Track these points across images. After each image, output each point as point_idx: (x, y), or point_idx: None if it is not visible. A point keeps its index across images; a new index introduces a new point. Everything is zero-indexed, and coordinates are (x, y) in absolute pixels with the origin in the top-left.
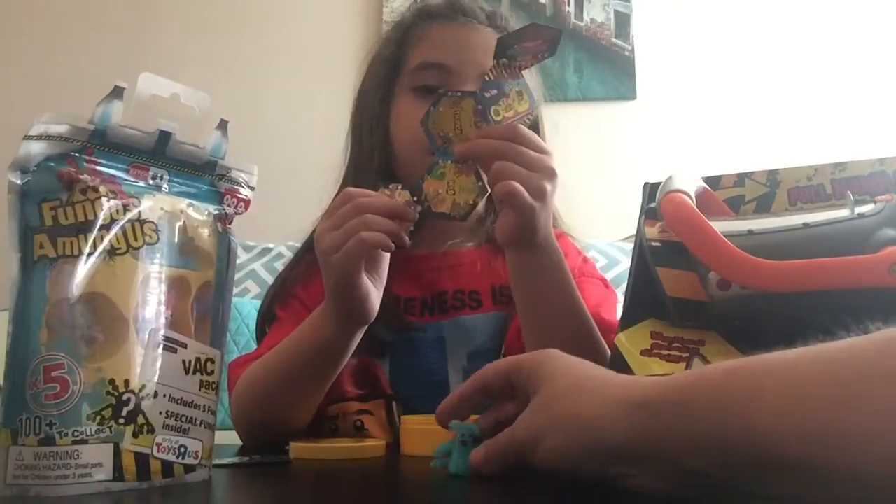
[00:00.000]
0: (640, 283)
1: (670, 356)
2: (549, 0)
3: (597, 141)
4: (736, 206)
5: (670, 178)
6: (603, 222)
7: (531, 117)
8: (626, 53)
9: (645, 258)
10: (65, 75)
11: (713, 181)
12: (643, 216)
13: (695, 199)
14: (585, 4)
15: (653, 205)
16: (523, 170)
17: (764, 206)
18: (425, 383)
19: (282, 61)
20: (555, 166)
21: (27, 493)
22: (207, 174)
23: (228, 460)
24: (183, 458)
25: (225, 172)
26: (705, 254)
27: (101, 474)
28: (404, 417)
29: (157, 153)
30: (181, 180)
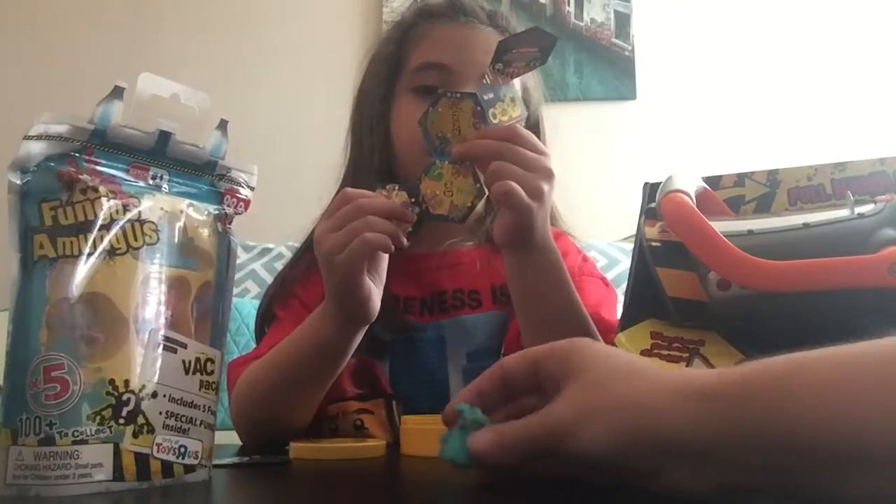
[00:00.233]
0: (640, 283)
1: (670, 356)
2: (549, 0)
3: (597, 141)
4: (736, 206)
5: (670, 178)
6: (603, 222)
7: (522, 124)
8: (626, 53)
9: (645, 258)
10: (65, 75)
11: (713, 181)
12: (643, 216)
13: (695, 199)
14: (585, 4)
15: (653, 205)
16: (520, 170)
17: (764, 206)
18: (425, 383)
19: (282, 61)
20: (552, 167)
21: (27, 493)
22: (207, 174)
23: (228, 460)
24: (183, 458)
25: (225, 172)
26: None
27: (101, 474)
28: (404, 417)
29: (157, 153)
30: (181, 180)
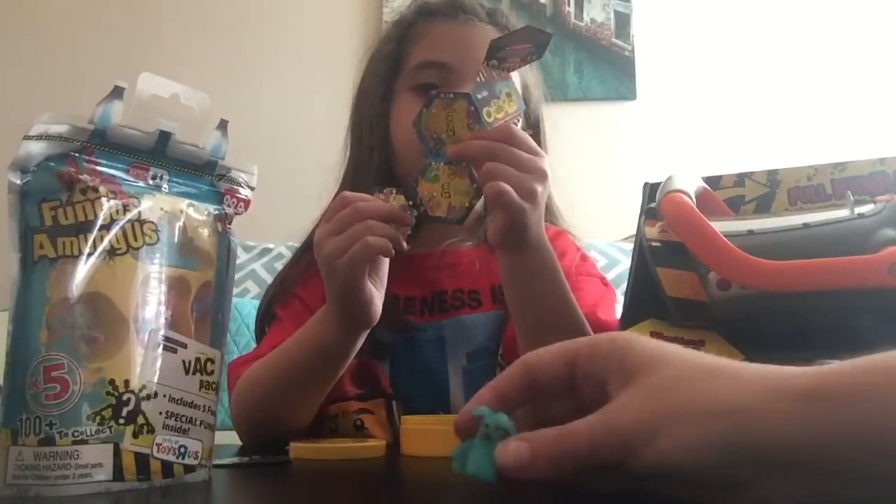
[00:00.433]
0: (640, 283)
1: None
2: (549, 0)
3: (597, 141)
4: (736, 206)
5: (670, 178)
6: (603, 222)
7: (520, 118)
8: (626, 53)
9: (645, 258)
10: (65, 75)
11: (713, 181)
12: (643, 216)
13: (695, 199)
14: (585, 4)
15: (653, 205)
16: (514, 171)
17: (764, 206)
18: (425, 383)
19: (282, 61)
20: (547, 168)
21: (27, 493)
22: (207, 174)
23: (228, 460)
24: (183, 459)
25: (225, 172)
26: (705, 254)
27: (101, 474)
28: (404, 417)
29: (157, 153)
30: (181, 180)
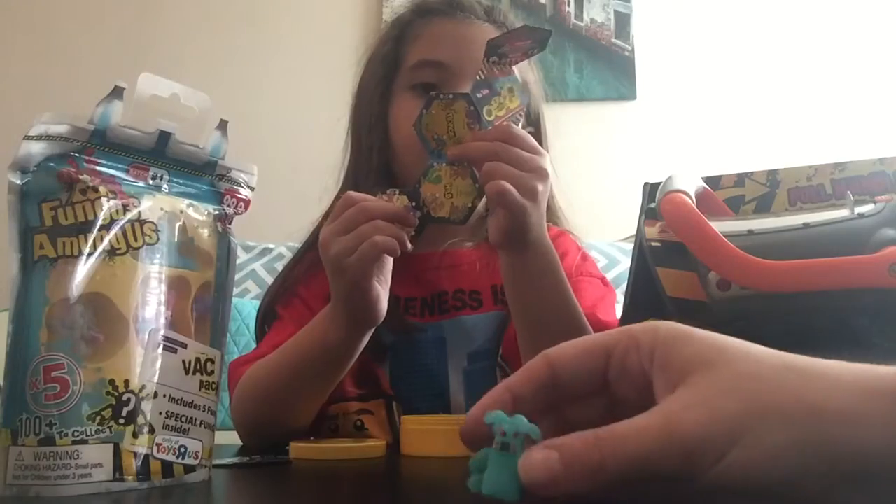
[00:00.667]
0: (640, 283)
1: None
2: (548, 0)
3: (597, 141)
4: (736, 206)
5: (670, 178)
6: (603, 222)
7: (523, 113)
8: (626, 53)
9: (645, 258)
10: (65, 75)
11: (713, 181)
12: (643, 216)
13: (695, 199)
14: (585, 4)
15: (653, 205)
16: (514, 170)
17: (764, 206)
18: (425, 384)
19: (282, 61)
20: (547, 166)
21: (27, 494)
22: (207, 174)
23: (228, 460)
24: (183, 459)
25: (225, 172)
26: (705, 254)
27: (101, 474)
28: (404, 417)
29: (157, 153)
30: (181, 180)
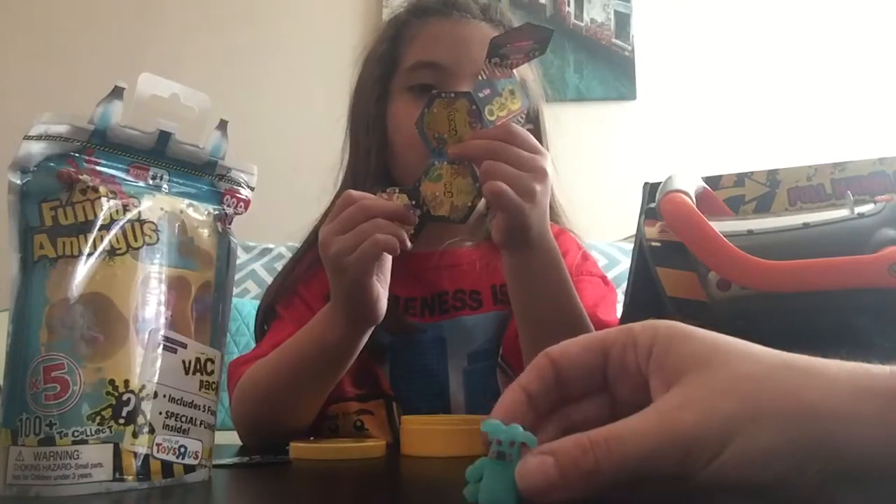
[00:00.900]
0: (640, 283)
1: None
2: (548, 0)
3: (597, 141)
4: (736, 206)
5: (670, 178)
6: (603, 222)
7: (524, 116)
8: (626, 53)
9: (645, 258)
10: (65, 75)
11: (713, 181)
12: (643, 216)
13: (695, 199)
14: (585, 4)
15: (653, 205)
16: (512, 170)
17: (764, 206)
18: (425, 384)
19: (282, 61)
20: (548, 166)
21: (27, 494)
22: (207, 174)
23: (228, 460)
24: (183, 458)
25: (225, 172)
26: (705, 254)
27: (101, 474)
28: (404, 417)
29: (157, 153)
30: (181, 180)
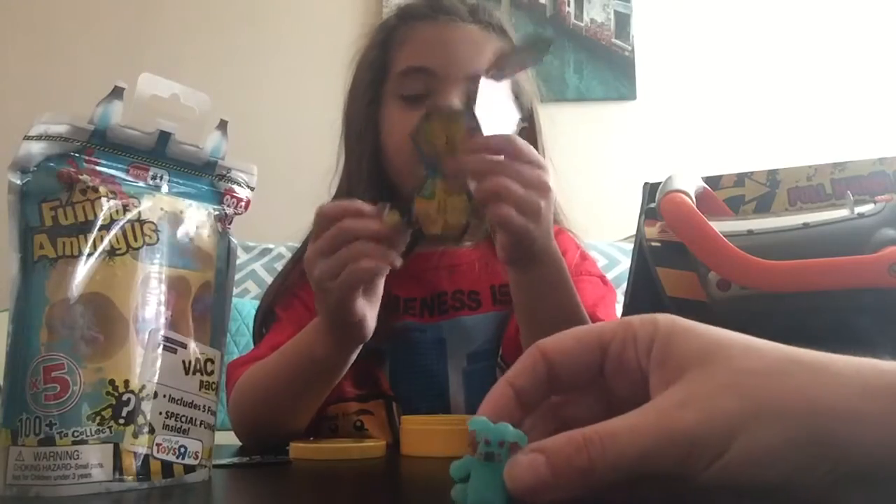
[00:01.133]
0: (640, 283)
1: None
2: (549, 0)
3: (597, 141)
4: (736, 206)
5: (670, 178)
6: (603, 222)
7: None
8: (626, 53)
9: (645, 258)
10: (65, 75)
11: (713, 181)
12: (643, 216)
13: (695, 199)
14: (585, 4)
15: (653, 205)
16: (516, 188)
17: (764, 206)
18: (425, 384)
19: (282, 61)
20: (550, 179)
21: (27, 494)
22: (207, 174)
23: (228, 460)
24: (183, 459)
25: (225, 173)
26: (705, 254)
27: (101, 474)
28: (404, 418)
29: (157, 153)
30: (181, 180)
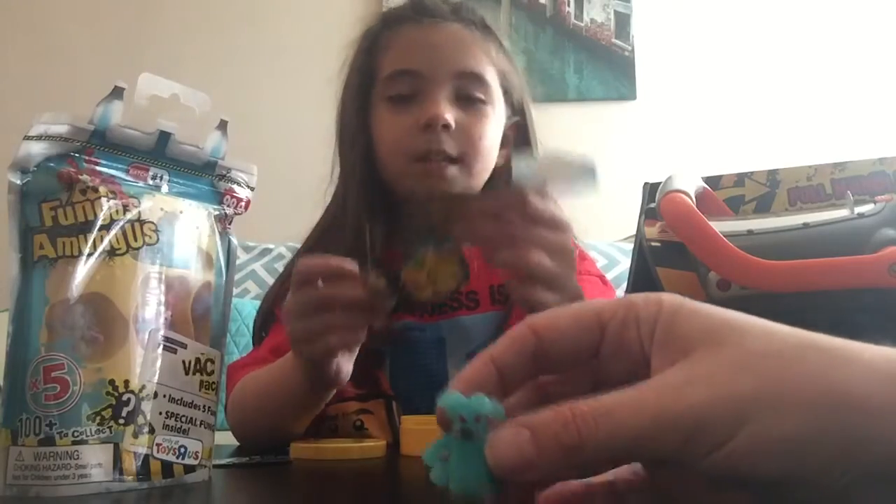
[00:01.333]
0: (640, 283)
1: None
2: (549, 0)
3: (597, 141)
4: (736, 206)
5: (670, 178)
6: (603, 222)
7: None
8: (626, 53)
9: (645, 258)
10: (65, 75)
11: (713, 181)
12: (643, 216)
13: (695, 199)
14: (585, 4)
15: (653, 205)
16: (544, 265)
17: (764, 206)
18: (425, 383)
19: (282, 61)
20: (571, 241)
21: (27, 494)
22: (207, 174)
23: (228, 460)
24: (183, 459)
25: (225, 173)
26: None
27: (101, 474)
28: (404, 417)
29: (157, 153)
30: (181, 181)
